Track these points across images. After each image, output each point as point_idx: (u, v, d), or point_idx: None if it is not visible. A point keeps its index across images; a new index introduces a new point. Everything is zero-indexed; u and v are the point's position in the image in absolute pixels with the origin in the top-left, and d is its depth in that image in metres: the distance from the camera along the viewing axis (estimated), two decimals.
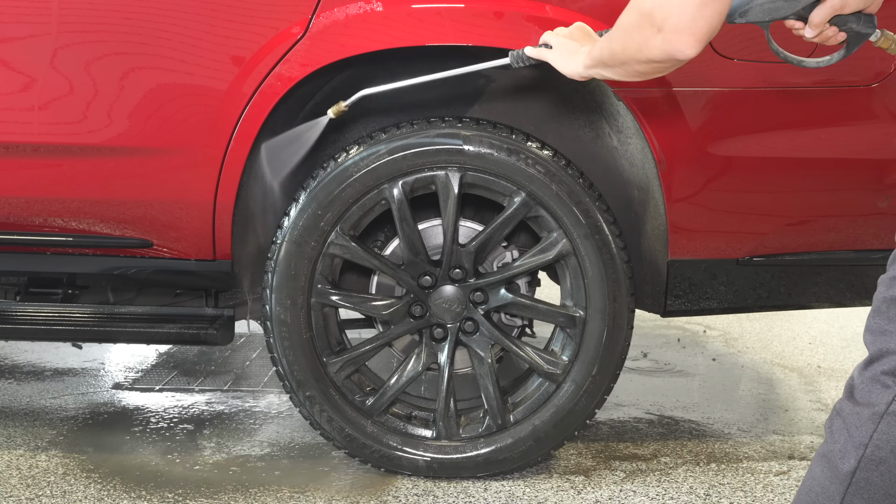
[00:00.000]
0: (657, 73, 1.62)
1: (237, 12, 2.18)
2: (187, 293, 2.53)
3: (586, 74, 1.77)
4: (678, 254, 2.28)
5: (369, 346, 2.34)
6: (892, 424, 1.32)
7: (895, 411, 1.33)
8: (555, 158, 2.24)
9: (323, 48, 2.17)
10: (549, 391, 2.35)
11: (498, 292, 2.33)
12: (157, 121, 2.22)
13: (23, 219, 2.31)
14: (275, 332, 2.29)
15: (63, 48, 2.20)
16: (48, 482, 2.34)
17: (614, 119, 2.33)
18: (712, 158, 2.22)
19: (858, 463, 1.34)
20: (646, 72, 1.62)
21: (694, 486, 2.38)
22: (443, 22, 2.16)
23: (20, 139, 2.24)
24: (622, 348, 2.32)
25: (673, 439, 2.67)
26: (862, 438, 1.34)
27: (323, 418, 2.33)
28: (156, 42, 2.19)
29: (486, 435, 2.36)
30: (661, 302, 2.34)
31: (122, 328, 2.39)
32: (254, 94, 2.19)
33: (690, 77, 2.17)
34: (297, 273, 2.26)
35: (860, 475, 1.34)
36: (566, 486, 2.36)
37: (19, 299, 2.45)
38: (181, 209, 2.28)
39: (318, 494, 2.30)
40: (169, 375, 3.14)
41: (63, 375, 3.14)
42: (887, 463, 1.33)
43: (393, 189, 2.24)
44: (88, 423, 2.72)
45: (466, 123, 2.25)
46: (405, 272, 2.31)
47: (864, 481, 1.34)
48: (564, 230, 2.25)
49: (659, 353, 3.52)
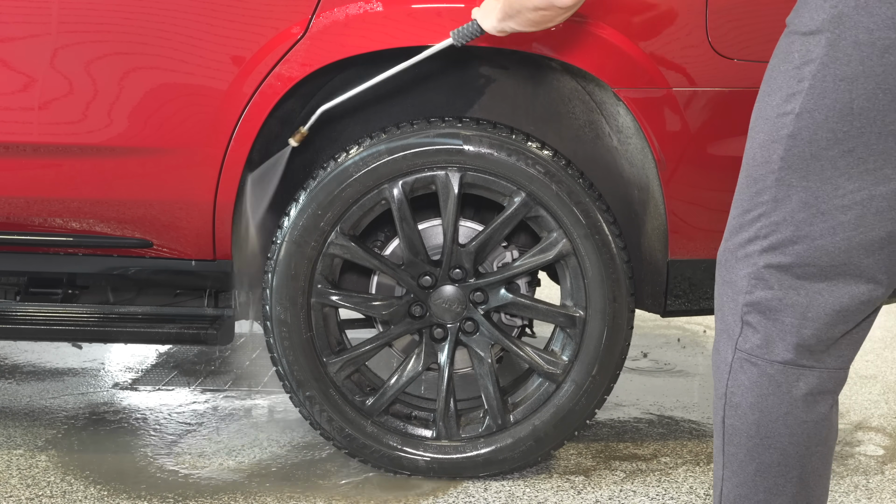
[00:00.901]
0: (547, 21, 1.84)
1: (237, 12, 2.18)
2: (187, 293, 2.53)
3: (499, 27, 1.95)
4: (678, 254, 2.28)
5: (369, 346, 2.34)
6: (737, 370, 1.41)
7: (740, 357, 1.40)
8: (555, 158, 2.24)
9: (323, 48, 2.17)
10: (549, 391, 2.35)
11: (498, 292, 2.33)
12: (158, 121, 2.22)
13: (23, 219, 2.31)
14: (275, 332, 2.29)
15: (63, 48, 2.20)
16: (48, 482, 2.34)
17: (614, 119, 2.33)
18: (712, 158, 2.22)
19: (724, 412, 1.43)
20: (537, 20, 1.85)
21: (694, 486, 2.38)
22: (443, 22, 2.16)
23: (20, 139, 2.24)
24: (622, 348, 2.32)
25: (673, 439, 2.67)
26: (722, 388, 1.43)
27: (323, 418, 2.33)
28: (156, 42, 2.19)
29: (486, 435, 2.36)
30: (661, 302, 2.34)
31: (122, 328, 2.39)
32: (254, 94, 2.19)
33: (690, 77, 2.17)
34: (297, 273, 2.26)
35: (728, 423, 1.42)
36: (566, 486, 2.36)
37: (19, 299, 2.45)
38: (181, 209, 2.28)
39: (318, 494, 2.30)
40: (169, 375, 3.14)
41: (63, 375, 3.14)
42: (741, 407, 1.40)
43: (393, 189, 2.24)
44: (88, 423, 2.72)
45: (466, 123, 2.25)
46: (405, 272, 2.31)
47: (732, 428, 1.42)
48: (564, 230, 2.25)
49: (659, 353, 3.52)
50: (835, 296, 1.35)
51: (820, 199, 1.32)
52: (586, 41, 2.16)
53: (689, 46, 2.16)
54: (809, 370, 1.38)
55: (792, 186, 1.33)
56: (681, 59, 2.16)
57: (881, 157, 1.29)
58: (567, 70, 2.33)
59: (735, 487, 1.43)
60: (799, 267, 1.35)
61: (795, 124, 1.32)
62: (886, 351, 3.58)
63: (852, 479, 2.44)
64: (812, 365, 1.38)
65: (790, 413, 1.38)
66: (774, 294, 1.37)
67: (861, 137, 1.29)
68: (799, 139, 1.32)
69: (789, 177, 1.33)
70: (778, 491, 1.40)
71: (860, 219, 1.31)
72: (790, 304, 1.36)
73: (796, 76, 1.32)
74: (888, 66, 1.26)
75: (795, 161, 1.32)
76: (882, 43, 1.26)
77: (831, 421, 1.41)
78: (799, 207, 1.33)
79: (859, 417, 2.86)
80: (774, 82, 1.36)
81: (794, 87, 1.32)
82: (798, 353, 1.37)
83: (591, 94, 2.35)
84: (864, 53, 1.27)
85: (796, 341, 1.37)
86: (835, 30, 1.29)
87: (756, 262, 1.38)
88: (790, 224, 1.34)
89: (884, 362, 3.44)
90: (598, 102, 2.35)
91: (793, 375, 1.38)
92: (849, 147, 1.29)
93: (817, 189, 1.31)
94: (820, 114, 1.30)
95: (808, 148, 1.31)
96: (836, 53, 1.29)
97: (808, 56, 1.31)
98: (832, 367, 1.39)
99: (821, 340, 1.37)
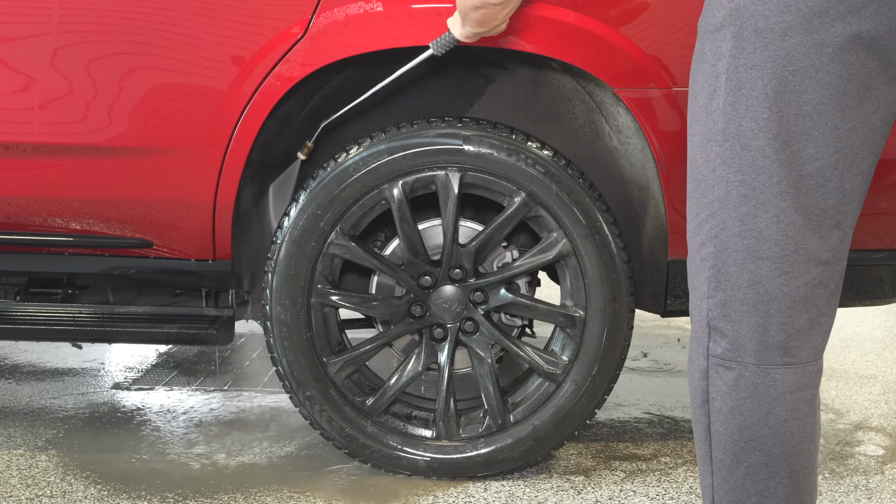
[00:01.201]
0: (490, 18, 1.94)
1: (237, 12, 2.18)
2: (187, 293, 2.53)
3: (463, 33, 2.03)
4: (678, 254, 2.28)
5: (369, 346, 2.34)
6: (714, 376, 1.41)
7: (714, 363, 1.41)
8: (555, 158, 2.24)
9: (323, 48, 2.17)
10: (549, 391, 2.35)
11: (498, 292, 2.33)
12: (158, 121, 2.22)
13: (23, 219, 2.31)
14: (275, 332, 2.29)
15: (63, 48, 2.20)
16: (48, 482, 2.34)
17: (614, 119, 2.33)
18: None
19: (709, 418, 1.42)
20: (480, 19, 1.94)
21: (694, 486, 2.38)
22: (442, 21, 2.16)
23: (20, 139, 2.24)
24: (622, 348, 2.32)
25: (673, 439, 2.67)
26: (702, 395, 1.43)
27: (323, 418, 2.33)
28: (156, 42, 2.19)
29: (486, 435, 2.36)
30: (661, 302, 2.34)
31: (122, 328, 2.39)
32: (254, 94, 2.19)
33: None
34: (297, 273, 2.26)
35: (714, 429, 1.42)
36: (566, 486, 2.36)
37: (19, 299, 2.45)
38: (181, 209, 2.28)
39: (318, 494, 2.30)
40: (169, 375, 3.14)
41: (63, 375, 3.14)
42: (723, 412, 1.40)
43: (393, 189, 2.24)
44: (88, 423, 2.72)
45: (466, 123, 2.25)
46: (405, 272, 2.31)
47: (717, 434, 1.41)
48: (564, 230, 2.25)
49: (659, 353, 3.52)
50: (792, 286, 1.36)
51: (758, 189, 1.33)
52: (586, 41, 2.16)
53: (689, 46, 2.15)
54: (784, 368, 1.38)
55: (730, 182, 1.35)
56: (681, 59, 2.16)
57: (803, 139, 1.31)
58: (567, 70, 2.33)
59: (727, 494, 1.42)
60: (752, 263, 1.36)
61: (723, 119, 1.34)
62: (886, 351, 3.58)
63: (852, 479, 2.44)
64: (786, 362, 1.38)
65: (770, 413, 1.38)
66: (734, 295, 1.38)
67: (781, 122, 1.31)
68: (728, 133, 1.34)
69: (727, 173, 1.35)
70: (769, 493, 1.40)
71: (797, 202, 1.33)
72: (751, 302, 1.37)
73: (713, 73, 1.35)
74: (790, 47, 1.28)
75: (729, 156, 1.34)
76: (780, 27, 1.29)
77: (814, 416, 1.41)
78: (740, 202, 1.35)
79: (859, 417, 2.86)
80: (697, 84, 1.39)
81: (713, 83, 1.35)
82: (768, 351, 1.37)
83: (591, 94, 2.35)
84: (766, 39, 1.30)
85: (764, 339, 1.37)
86: (736, 22, 1.32)
87: (712, 264, 1.39)
88: (736, 220, 1.36)
89: (884, 362, 3.44)
90: (598, 102, 2.35)
91: (767, 376, 1.37)
92: (773, 133, 1.31)
93: (753, 180, 1.33)
94: (741, 104, 1.33)
95: (737, 141, 1.33)
96: (741, 44, 1.32)
97: (719, 52, 1.34)
98: (805, 361, 1.39)
99: (789, 335, 1.37)
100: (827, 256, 1.36)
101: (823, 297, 1.38)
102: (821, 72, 1.29)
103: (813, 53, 1.28)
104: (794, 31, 1.28)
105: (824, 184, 1.33)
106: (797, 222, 1.34)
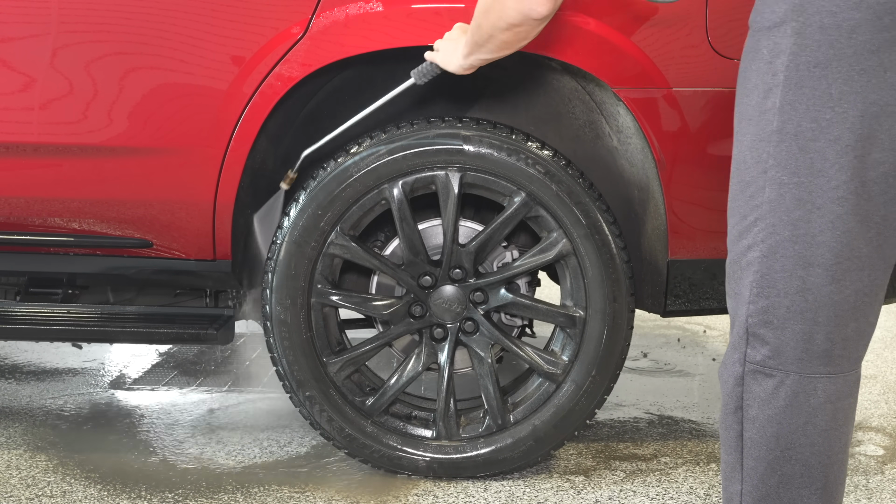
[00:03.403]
0: (520, 38, 1.76)
1: (237, 12, 2.18)
2: (187, 293, 2.53)
3: (467, 64, 1.93)
4: (678, 254, 2.28)
5: (369, 346, 2.34)
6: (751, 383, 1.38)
7: (751, 369, 1.37)
8: (555, 158, 2.24)
9: (323, 48, 2.17)
10: (549, 391, 2.35)
11: (498, 292, 2.33)
12: (157, 121, 2.22)
13: (23, 219, 2.31)
14: (275, 332, 2.29)
15: (63, 48, 2.20)
16: (48, 482, 2.34)
17: (614, 119, 2.33)
18: (712, 158, 2.22)
19: (742, 425, 1.39)
20: (510, 40, 1.77)
21: (694, 486, 2.38)
22: (442, 21, 2.16)
23: (20, 139, 2.24)
24: (622, 348, 2.32)
25: (673, 439, 2.67)
26: (735, 402, 1.40)
27: (323, 418, 2.33)
28: (156, 42, 2.19)
29: (486, 435, 2.36)
30: (661, 302, 2.34)
31: (122, 328, 2.39)
32: (254, 94, 2.19)
33: (690, 77, 2.17)
34: (297, 273, 2.26)
35: (746, 436, 1.39)
36: (566, 486, 2.36)
37: (19, 299, 2.45)
38: (181, 209, 2.28)
39: (318, 494, 2.30)
40: (169, 375, 3.14)
41: (63, 375, 3.14)
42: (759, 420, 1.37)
43: (393, 189, 2.24)
44: (88, 423, 2.72)
45: (466, 123, 2.25)
46: (405, 272, 2.31)
47: (751, 441, 1.38)
48: (564, 230, 2.25)
49: (659, 353, 3.52)
50: (843, 294, 1.31)
51: (814, 193, 1.28)
52: (586, 41, 2.16)
53: (689, 46, 2.16)
54: (826, 377, 1.34)
55: (784, 184, 1.30)
56: (681, 59, 2.16)
57: (868, 142, 1.25)
58: (567, 70, 2.33)
59: (756, 502, 1.39)
60: (803, 269, 1.31)
61: (779, 118, 1.28)
62: (886, 351, 3.58)
63: (852, 479, 2.44)
64: (828, 371, 1.34)
65: (810, 423, 1.34)
66: (780, 301, 1.33)
67: (845, 123, 1.25)
68: (785, 133, 1.28)
69: (781, 175, 1.30)
70: (802, 502, 1.37)
71: (856, 208, 1.28)
72: (798, 310, 1.32)
73: (769, 70, 1.29)
74: (858, 46, 1.23)
75: (784, 157, 1.29)
76: (848, 24, 1.23)
77: (850, 426, 1.37)
78: (794, 205, 1.29)
79: (859, 417, 2.86)
80: (749, 82, 1.33)
81: (770, 81, 1.29)
82: (811, 360, 1.33)
83: (591, 94, 2.35)
84: (832, 37, 1.23)
85: (808, 348, 1.32)
86: (798, 18, 1.26)
87: (757, 268, 1.34)
88: (788, 224, 1.31)
89: (884, 362, 3.44)
90: (598, 102, 2.35)
91: (809, 384, 1.33)
92: (835, 135, 1.26)
93: (810, 183, 1.28)
94: (801, 104, 1.27)
95: (794, 142, 1.28)
96: (804, 41, 1.25)
97: (777, 49, 1.28)
98: (847, 370, 1.35)
99: (834, 344, 1.32)
100: (879, 264, 1.32)
101: (872, 305, 1.34)
102: (889, 71, 1.23)
103: (882, 52, 1.22)
104: (862, 28, 1.22)
105: (887, 190, 1.28)
106: (854, 229, 1.28)
